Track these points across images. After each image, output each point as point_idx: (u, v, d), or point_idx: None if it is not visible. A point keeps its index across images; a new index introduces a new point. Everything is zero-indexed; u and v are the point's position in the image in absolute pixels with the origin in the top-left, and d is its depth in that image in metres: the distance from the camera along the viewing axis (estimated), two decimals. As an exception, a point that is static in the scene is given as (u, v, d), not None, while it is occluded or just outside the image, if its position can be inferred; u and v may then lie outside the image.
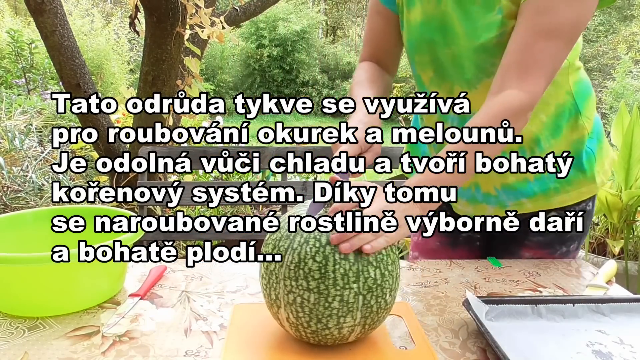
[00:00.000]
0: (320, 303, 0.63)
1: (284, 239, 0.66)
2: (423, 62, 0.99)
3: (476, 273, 0.99)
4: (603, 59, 9.60)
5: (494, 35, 0.86)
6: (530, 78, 0.82)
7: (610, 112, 7.19)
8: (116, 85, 6.81)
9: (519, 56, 0.82)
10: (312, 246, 0.64)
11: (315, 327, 0.65)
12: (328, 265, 0.63)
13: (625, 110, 2.57)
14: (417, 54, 0.99)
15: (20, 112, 3.68)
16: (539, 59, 0.82)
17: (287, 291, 0.65)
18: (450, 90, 0.97)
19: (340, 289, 0.63)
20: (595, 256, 2.44)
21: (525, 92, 0.81)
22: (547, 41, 0.81)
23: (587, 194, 1.03)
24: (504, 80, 0.83)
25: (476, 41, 0.88)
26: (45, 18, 2.14)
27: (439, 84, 0.99)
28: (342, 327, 0.65)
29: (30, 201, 2.46)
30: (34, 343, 0.69)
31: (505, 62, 0.84)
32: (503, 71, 0.84)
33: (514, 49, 0.83)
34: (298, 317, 0.65)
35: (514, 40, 0.83)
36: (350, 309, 0.64)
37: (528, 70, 0.82)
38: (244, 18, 3.32)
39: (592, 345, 0.73)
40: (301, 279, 0.63)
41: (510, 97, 0.81)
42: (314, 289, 0.63)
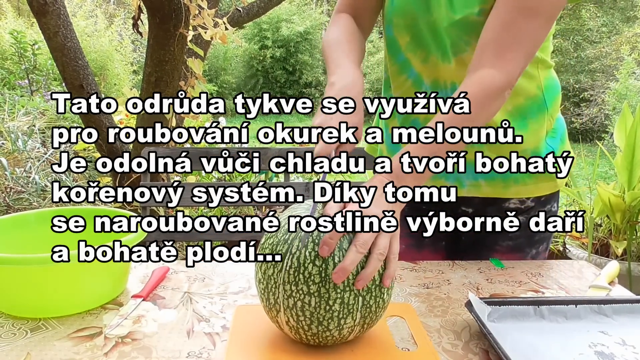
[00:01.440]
0: (321, 306, 0.63)
1: (282, 244, 0.65)
2: (400, 26, 0.97)
3: (479, 274, 0.99)
4: (606, 60, 9.58)
5: (473, 12, 0.86)
6: (508, 56, 0.81)
7: (613, 114, 7.18)
8: (119, 86, 6.83)
9: (497, 34, 0.81)
10: (312, 250, 0.63)
11: (316, 330, 0.65)
12: (328, 269, 0.63)
13: (628, 111, 2.56)
14: (396, 16, 0.97)
15: (23, 113, 3.69)
16: (518, 38, 0.81)
17: (287, 295, 0.64)
18: (425, 58, 0.96)
19: (341, 291, 0.63)
20: (598, 257, 2.44)
21: (502, 71, 0.80)
22: (527, 19, 0.80)
23: (546, 190, 1.02)
24: (481, 58, 0.82)
25: (455, 15, 0.88)
26: (48, 19, 2.15)
27: (415, 50, 0.97)
28: (342, 328, 0.65)
29: (33, 202, 2.47)
30: (37, 344, 0.70)
31: (484, 40, 0.83)
32: (481, 48, 0.83)
33: (492, 26, 0.82)
34: (298, 320, 0.65)
35: (493, 17, 0.82)
36: (350, 310, 0.64)
37: (506, 48, 0.81)
38: (247, 19, 3.33)
39: (594, 347, 0.73)
40: (301, 284, 0.63)
41: (487, 77, 0.80)
42: (315, 293, 0.63)
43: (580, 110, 9.29)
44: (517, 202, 1.04)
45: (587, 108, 9.14)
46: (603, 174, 6.32)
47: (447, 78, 0.96)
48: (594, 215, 2.49)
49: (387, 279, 0.66)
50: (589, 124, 9.02)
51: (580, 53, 10.30)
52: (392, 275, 0.66)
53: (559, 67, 10.39)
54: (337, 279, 0.62)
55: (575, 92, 9.84)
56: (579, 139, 9.14)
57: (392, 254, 0.67)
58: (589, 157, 7.26)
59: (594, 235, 2.54)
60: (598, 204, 2.44)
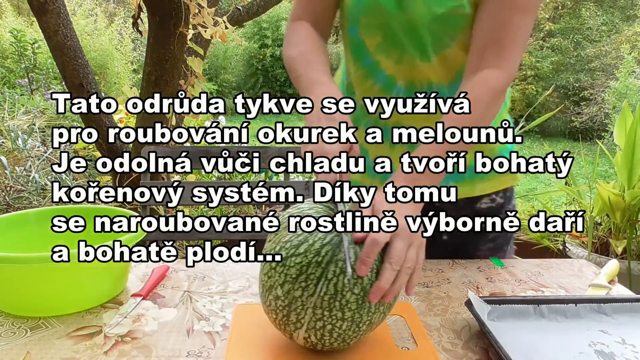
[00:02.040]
0: (351, 329, 0.63)
1: (314, 266, 0.61)
2: (370, 26, 0.91)
3: (479, 273, 0.99)
4: (606, 59, 9.57)
5: (462, 4, 0.84)
6: (508, 56, 0.82)
7: (613, 112, 7.18)
8: (119, 85, 6.82)
9: (496, 34, 0.82)
10: (350, 277, 0.61)
11: (336, 345, 0.65)
12: (366, 296, 0.62)
13: (628, 110, 2.56)
14: (364, 16, 0.91)
15: (23, 112, 3.69)
16: (515, 36, 0.82)
17: (317, 319, 0.62)
18: (399, 58, 0.92)
19: (372, 314, 0.63)
20: (597, 256, 2.43)
21: (504, 70, 0.81)
22: (522, 16, 0.81)
23: (507, 183, 1.04)
24: (481, 59, 0.82)
25: (438, 9, 0.84)
26: (48, 18, 2.15)
27: (388, 51, 0.92)
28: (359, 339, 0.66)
29: (33, 201, 2.47)
30: (36, 343, 0.70)
31: (482, 41, 0.83)
32: (479, 50, 0.83)
33: (489, 26, 0.82)
34: (322, 338, 0.64)
35: (488, 17, 0.82)
36: (373, 327, 0.66)
37: (506, 47, 0.82)
38: (247, 18, 3.32)
39: (594, 345, 0.73)
40: (336, 310, 0.61)
41: (492, 78, 0.81)
42: (349, 319, 0.62)
43: (580, 109, 9.29)
44: (488, 201, 1.05)
45: (587, 107, 9.14)
46: (603, 172, 6.32)
47: (423, 78, 0.93)
48: (594, 214, 2.49)
49: (411, 288, 0.66)
50: (589, 123, 9.02)
51: (580, 52, 10.29)
52: (415, 284, 0.67)
53: (559, 66, 10.38)
54: (374, 299, 0.61)
55: (575, 90, 9.84)
56: (579, 138, 9.14)
57: (418, 265, 0.66)
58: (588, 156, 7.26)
59: (594, 234, 2.54)
60: (598, 203, 2.44)
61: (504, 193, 1.05)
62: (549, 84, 9.41)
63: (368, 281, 0.61)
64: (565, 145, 9.11)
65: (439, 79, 0.92)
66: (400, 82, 0.95)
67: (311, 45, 0.91)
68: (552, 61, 10.24)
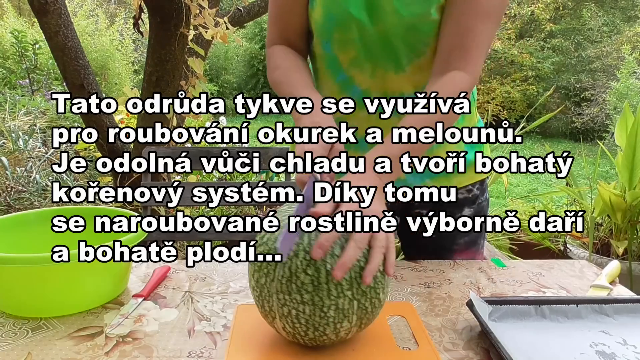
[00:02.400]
0: (315, 314, 0.63)
1: (272, 252, 0.65)
2: (344, 41, 0.91)
3: (480, 273, 0.99)
4: (607, 60, 9.57)
5: (430, 12, 0.86)
6: (473, 60, 0.85)
7: (614, 113, 7.18)
8: (120, 85, 6.83)
9: (461, 39, 0.84)
10: (303, 259, 0.62)
11: (312, 335, 0.65)
12: (320, 277, 0.62)
13: (629, 110, 2.56)
14: (337, 32, 0.91)
15: (24, 113, 3.69)
16: (478, 41, 0.85)
17: (281, 304, 0.64)
18: (372, 73, 0.93)
19: (335, 298, 0.63)
20: (599, 257, 2.43)
21: (470, 72, 0.85)
22: (485, 23, 0.84)
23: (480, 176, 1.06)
24: (447, 62, 0.85)
25: (407, 18, 0.86)
26: (49, 19, 2.15)
27: (361, 66, 0.93)
28: (339, 332, 0.65)
29: (34, 202, 2.47)
30: (37, 343, 0.70)
31: (447, 45, 0.86)
32: (444, 54, 0.86)
33: (454, 31, 0.85)
34: (294, 327, 0.65)
35: (452, 23, 0.85)
36: (346, 314, 0.64)
37: (470, 52, 0.85)
38: (248, 18, 3.32)
39: (595, 346, 0.72)
40: (294, 293, 0.62)
41: (457, 78, 0.84)
42: (309, 302, 0.62)
43: (581, 109, 9.29)
44: (464, 192, 1.05)
45: (588, 107, 9.14)
46: (604, 173, 6.32)
47: (395, 88, 0.95)
48: (594, 215, 2.49)
49: (390, 267, 0.66)
50: (590, 124, 9.02)
51: (581, 52, 10.29)
52: (394, 263, 0.66)
53: (560, 67, 10.38)
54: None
55: (576, 91, 9.84)
56: (580, 139, 9.14)
57: (391, 243, 0.67)
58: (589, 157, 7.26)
59: (594, 235, 2.54)
60: (599, 204, 2.43)
61: (481, 184, 1.07)
62: (550, 85, 9.41)
63: (322, 262, 0.62)
64: (566, 145, 9.10)
65: (412, 89, 0.94)
66: (375, 94, 0.96)
67: (289, 64, 0.94)
68: (553, 62, 10.24)
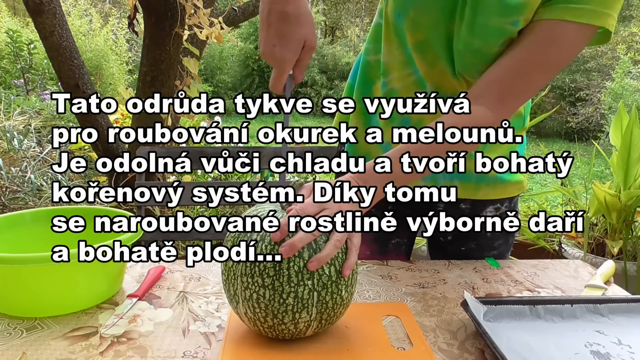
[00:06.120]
0: (275, 299, 0.65)
1: (242, 236, 0.69)
2: (417, 23, 0.88)
3: (474, 274, 0.99)
4: (602, 60, 9.61)
5: (493, 42, 0.82)
6: (509, 103, 0.81)
7: (609, 113, 7.21)
8: (115, 85, 6.81)
9: (509, 78, 0.80)
10: (267, 244, 0.66)
11: (271, 322, 0.66)
12: (282, 262, 0.64)
13: (624, 110, 2.57)
14: (415, 11, 0.87)
15: (18, 113, 3.68)
16: (525, 87, 0.81)
17: (244, 287, 0.66)
18: (433, 62, 0.90)
19: (295, 285, 0.64)
20: (593, 256, 2.44)
21: (497, 115, 0.80)
22: (541, 73, 0.80)
23: (511, 192, 1.04)
24: (483, 91, 0.81)
25: (474, 41, 0.83)
26: (44, 18, 2.14)
27: (424, 53, 0.90)
28: (297, 322, 0.66)
29: (29, 201, 2.46)
30: (32, 343, 0.69)
31: (493, 75, 0.81)
32: (486, 82, 0.81)
33: (508, 67, 0.80)
34: (255, 312, 0.66)
35: (510, 57, 0.80)
36: (305, 305, 0.65)
37: (512, 94, 0.81)
38: (243, 18, 3.32)
39: (590, 346, 0.73)
40: (257, 276, 0.65)
41: (480, 117, 0.79)
42: (269, 286, 0.64)
43: (576, 109, 9.32)
44: (493, 210, 1.05)
45: (583, 107, 9.18)
46: (599, 173, 6.34)
47: (449, 89, 0.92)
48: (589, 215, 2.50)
49: (347, 269, 0.67)
50: (585, 124, 9.05)
51: (576, 52, 10.31)
52: (352, 266, 0.67)
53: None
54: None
55: (571, 91, 9.87)
56: (575, 139, 9.17)
57: (354, 246, 0.68)
58: (584, 157, 7.28)
59: (589, 235, 2.55)
60: (594, 204, 2.44)
61: (509, 202, 1.05)
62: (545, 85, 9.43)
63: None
64: (561, 145, 9.14)
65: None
66: (429, 86, 0.93)
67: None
68: (548, 62, 10.25)
